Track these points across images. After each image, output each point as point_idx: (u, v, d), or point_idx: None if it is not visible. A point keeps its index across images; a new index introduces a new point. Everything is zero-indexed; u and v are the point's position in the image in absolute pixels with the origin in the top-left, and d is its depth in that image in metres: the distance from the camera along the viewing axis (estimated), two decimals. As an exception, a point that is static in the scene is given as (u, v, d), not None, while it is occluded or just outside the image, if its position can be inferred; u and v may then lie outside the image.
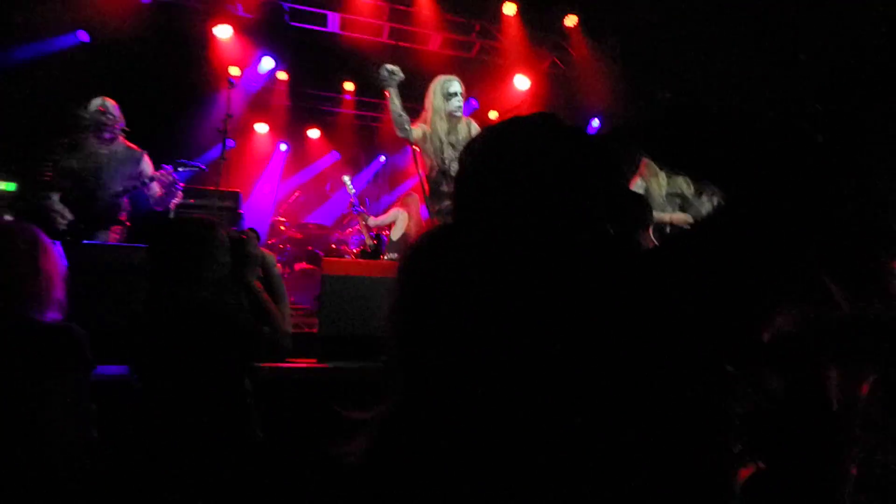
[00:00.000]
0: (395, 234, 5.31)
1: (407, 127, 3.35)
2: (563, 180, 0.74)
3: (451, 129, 3.45)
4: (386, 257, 4.97)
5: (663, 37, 5.71)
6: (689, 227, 4.04)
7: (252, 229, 1.78)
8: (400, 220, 5.32)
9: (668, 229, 3.97)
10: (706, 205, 4.03)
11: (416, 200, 5.29)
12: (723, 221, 0.63)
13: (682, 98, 5.56)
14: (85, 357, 1.29)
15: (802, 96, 4.74)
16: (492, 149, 0.80)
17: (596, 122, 6.94)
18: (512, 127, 0.83)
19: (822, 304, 1.48)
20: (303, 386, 2.31)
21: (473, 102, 7.31)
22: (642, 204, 3.25)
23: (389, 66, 3.26)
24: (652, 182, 4.09)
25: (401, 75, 3.28)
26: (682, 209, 4.11)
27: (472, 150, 0.83)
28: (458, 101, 3.45)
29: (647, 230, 4.04)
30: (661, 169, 4.06)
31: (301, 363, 2.53)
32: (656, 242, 3.98)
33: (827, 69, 4.53)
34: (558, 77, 7.22)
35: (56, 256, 1.37)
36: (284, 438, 1.86)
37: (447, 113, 3.44)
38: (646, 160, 4.13)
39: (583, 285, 0.63)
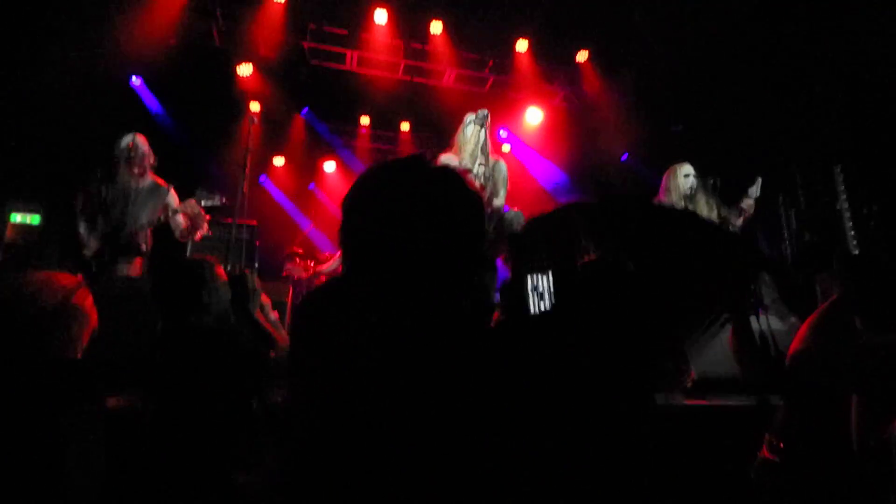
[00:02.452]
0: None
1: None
2: (440, 230, 0.77)
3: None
4: None
5: (674, 69, 5.79)
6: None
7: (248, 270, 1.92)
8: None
9: None
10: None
11: None
12: None
13: (693, 129, 5.59)
14: (96, 392, 1.34)
15: (816, 125, 4.74)
16: (370, 196, 0.82)
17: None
18: (385, 174, 0.86)
19: (845, 333, 1.47)
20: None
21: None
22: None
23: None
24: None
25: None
26: None
27: (355, 198, 0.85)
28: (484, 131, 3.72)
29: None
30: (682, 196, 4.05)
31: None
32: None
33: (841, 99, 4.54)
34: (572, 109, 7.33)
35: (92, 306, 1.42)
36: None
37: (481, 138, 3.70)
38: (665, 185, 4.12)
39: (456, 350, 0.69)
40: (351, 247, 0.81)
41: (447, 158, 3.65)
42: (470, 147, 3.66)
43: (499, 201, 3.70)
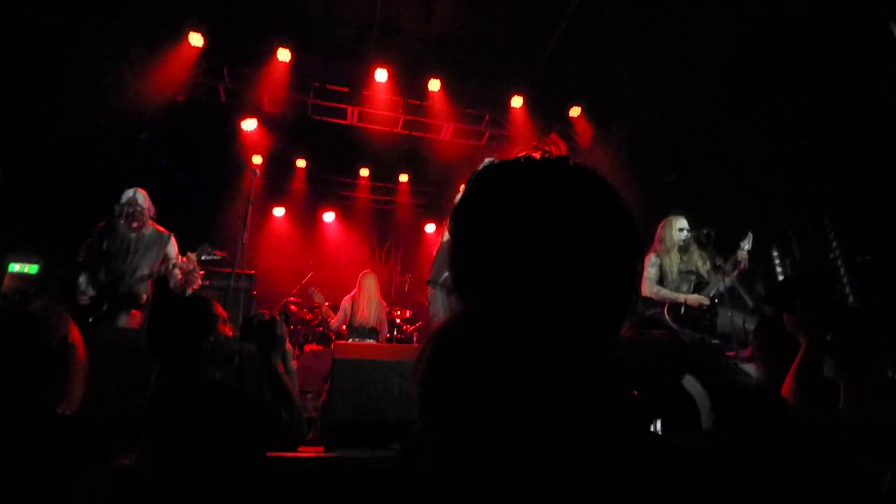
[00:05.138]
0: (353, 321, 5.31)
1: None
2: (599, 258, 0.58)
3: None
4: (350, 340, 5.08)
5: (666, 123, 6.00)
6: (703, 308, 3.98)
7: (283, 312, 1.81)
8: (349, 308, 5.33)
9: (682, 310, 3.94)
10: (720, 283, 4.04)
11: (372, 279, 5.44)
12: None
13: (685, 180, 5.73)
14: (103, 449, 1.25)
15: (803, 178, 4.88)
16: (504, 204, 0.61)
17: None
18: (533, 175, 0.65)
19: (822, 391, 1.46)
20: (308, 476, 2.22)
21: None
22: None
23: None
24: (665, 258, 4.12)
25: None
26: (698, 286, 4.10)
27: (476, 199, 0.65)
28: None
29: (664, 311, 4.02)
30: (675, 246, 4.11)
31: (307, 452, 2.45)
32: (672, 324, 3.94)
33: (826, 151, 4.69)
34: (565, 162, 7.51)
35: (83, 349, 1.34)
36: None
37: None
38: (659, 235, 4.19)
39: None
40: (487, 276, 0.59)
41: None
42: None
43: None
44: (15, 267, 4.71)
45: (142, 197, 3.61)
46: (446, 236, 3.80)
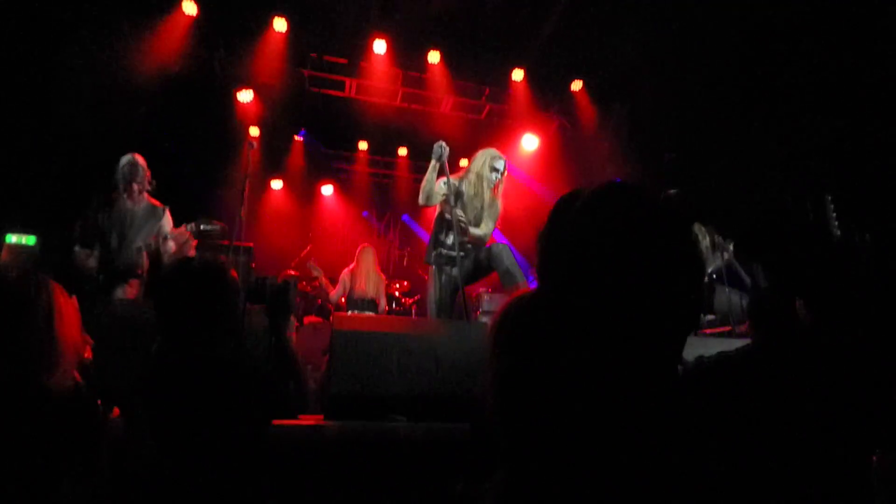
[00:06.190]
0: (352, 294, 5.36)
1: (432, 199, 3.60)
2: (668, 268, 0.72)
3: (476, 195, 3.72)
4: (349, 312, 5.10)
5: (667, 99, 5.93)
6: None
7: (294, 277, 1.74)
8: (348, 281, 5.36)
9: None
10: (718, 260, 4.07)
11: (370, 252, 5.46)
12: None
13: (685, 159, 5.69)
14: (98, 423, 1.20)
15: (805, 155, 4.85)
16: (600, 219, 0.76)
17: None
18: (618, 200, 0.78)
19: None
20: (309, 444, 2.27)
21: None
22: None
23: (443, 144, 3.51)
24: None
25: (447, 152, 3.52)
26: None
27: (578, 215, 0.79)
28: (497, 177, 3.76)
29: None
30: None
31: (308, 420, 2.49)
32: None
33: (827, 134, 4.65)
34: (566, 137, 7.45)
35: (72, 316, 1.28)
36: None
37: (486, 180, 3.72)
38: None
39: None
40: (569, 261, 0.76)
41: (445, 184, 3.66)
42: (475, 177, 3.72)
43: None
44: (12, 238, 4.69)
45: (141, 161, 3.60)
46: (438, 210, 3.76)
